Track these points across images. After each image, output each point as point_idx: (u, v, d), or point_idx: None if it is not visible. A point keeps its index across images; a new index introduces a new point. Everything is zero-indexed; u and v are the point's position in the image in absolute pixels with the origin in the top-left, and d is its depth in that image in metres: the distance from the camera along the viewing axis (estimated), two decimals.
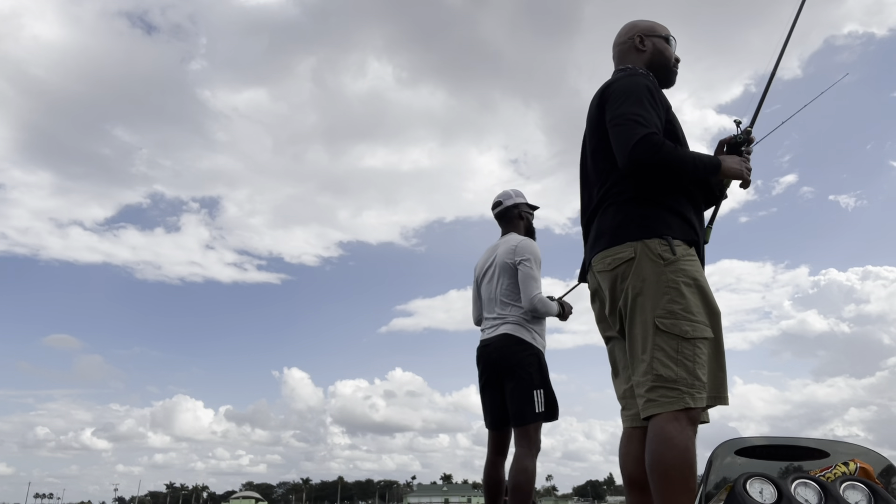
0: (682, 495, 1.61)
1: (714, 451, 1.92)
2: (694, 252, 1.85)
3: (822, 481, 1.76)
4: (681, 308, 1.73)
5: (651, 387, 1.71)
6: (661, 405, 1.68)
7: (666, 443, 1.63)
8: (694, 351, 1.70)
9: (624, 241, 1.84)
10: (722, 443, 1.95)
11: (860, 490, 1.72)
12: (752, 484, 1.79)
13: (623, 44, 2.18)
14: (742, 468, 1.92)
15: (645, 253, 1.79)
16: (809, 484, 1.76)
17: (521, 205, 3.42)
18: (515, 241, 3.26)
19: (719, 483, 1.90)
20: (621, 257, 1.83)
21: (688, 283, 1.76)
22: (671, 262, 1.77)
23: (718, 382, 1.75)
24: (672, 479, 1.61)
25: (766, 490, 1.78)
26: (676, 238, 1.81)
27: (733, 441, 1.96)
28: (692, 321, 1.73)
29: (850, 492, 1.72)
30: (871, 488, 1.71)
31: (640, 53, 2.13)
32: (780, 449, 1.92)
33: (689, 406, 1.65)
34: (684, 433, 1.63)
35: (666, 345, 1.71)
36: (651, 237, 1.80)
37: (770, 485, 1.78)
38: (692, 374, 1.68)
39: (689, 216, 1.89)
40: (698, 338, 1.72)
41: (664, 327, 1.73)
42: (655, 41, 2.13)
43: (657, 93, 1.96)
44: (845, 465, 1.81)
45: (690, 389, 1.67)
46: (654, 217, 1.83)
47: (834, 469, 1.81)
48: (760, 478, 1.80)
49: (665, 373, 1.69)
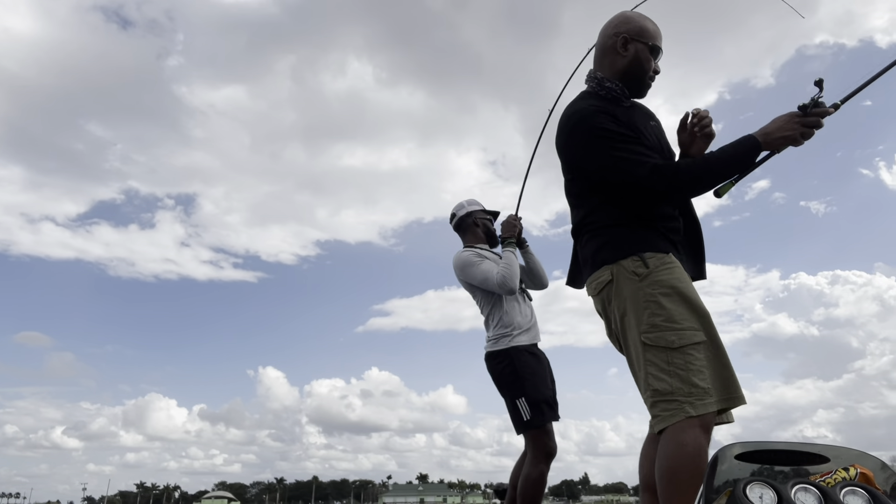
0: (689, 500, 1.59)
1: (714, 456, 1.91)
2: (671, 260, 1.82)
3: (823, 486, 1.75)
4: (662, 319, 1.73)
5: (652, 402, 1.72)
6: (664, 419, 1.68)
7: (678, 447, 1.62)
8: (685, 359, 1.68)
9: (601, 265, 1.88)
10: (722, 447, 1.93)
11: (860, 495, 1.71)
12: (753, 489, 1.78)
13: (607, 38, 2.03)
14: (742, 473, 1.91)
15: (621, 273, 1.82)
16: (809, 489, 1.75)
17: (474, 213, 3.44)
18: (454, 258, 3.31)
19: (719, 487, 1.89)
20: (602, 281, 1.87)
21: (666, 293, 1.75)
22: (645, 276, 1.78)
23: (727, 382, 1.70)
24: (680, 483, 1.60)
25: (766, 495, 1.77)
26: (648, 251, 1.81)
27: (734, 445, 1.95)
28: (677, 330, 1.71)
29: (850, 497, 1.72)
30: (871, 494, 1.70)
31: (619, 58, 1.99)
32: (781, 454, 1.92)
33: (690, 415, 1.63)
34: (697, 440, 1.62)
35: (656, 358, 1.72)
36: (624, 257, 1.82)
37: (770, 490, 1.77)
38: (687, 382, 1.66)
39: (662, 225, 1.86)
40: (687, 345, 1.70)
41: (650, 341, 1.73)
42: (639, 48, 1.98)
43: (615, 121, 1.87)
44: (845, 471, 1.80)
45: (688, 398, 1.65)
46: (624, 236, 1.85)
47: (834, 474, 1.80)
48: (760, 482, 1.79)
49: (660, 386, 1.69)
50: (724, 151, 1.81)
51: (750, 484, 1.78)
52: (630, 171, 1.82)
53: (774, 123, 1.81)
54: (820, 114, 1.79)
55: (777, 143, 1.80)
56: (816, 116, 1.78)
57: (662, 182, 1.79)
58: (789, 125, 1.78)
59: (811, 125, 1.78)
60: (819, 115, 1.79)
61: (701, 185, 1.81)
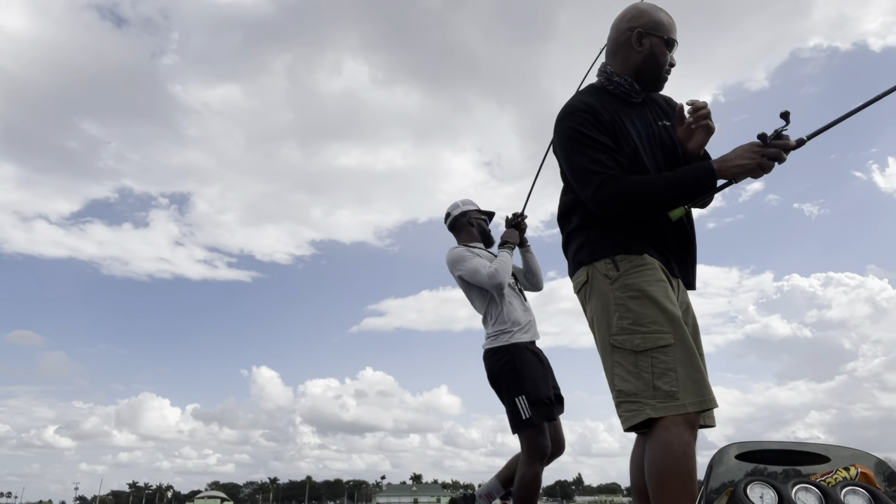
0: (681, 501, 1.59)
1: (714, 456, 1.90)
2: (644, 261, 1.80)
3: (823, 486, 1.75)
4: (629, 322, 1.74)
5: (617, 402, 1.75)
6: (628, 420, 1.71)
7: (664, 449, 1.62)
8: (650, 362, 1.70)
9: (579, 266, 1.91)
10: (722, 447, 1.93)
11: (861, 495, 1.71)
12: (753, 488, 1.77)
13: (620, 33, 1.97)
14: (743, 472, 1.90)
15: (594, 275, 1.85)
16: (810, 489, 1.75)
17: (469, 212, 3.44)
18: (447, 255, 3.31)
19: (720, 487, 1.88)
20: (580, 282, 1.92)
21: (634, 296, 1.76)
22: (615, 279, 1.80)
23: (698, 386, 1.68)
24: (670, 484, 1.60)
25: (766, 495, 1.76)
26: (620, 254, 1.81)
27: (734, 445, 1.94)
28: (643, 333, 1.72)
29: (850, 497, 1.71)
30: (871, 493, 1.70)
31: (633, 53, 1.94)
32: (781, 453, 1.91)
33: (651, 416, 1.65)
34: (682, 439, 1.62)
35: (623, 360, 1.74)
36: (598, 259, 1.84)
37: (771, 489, 1.76)
38: (651, 385, 1.68)
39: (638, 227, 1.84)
40: (652, 348, 1.70)
41: (618, 343, 1.76)
42: (654, 42, 1.92)
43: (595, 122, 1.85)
44: (846, 470, 1.80)
45: (651, 400, 1.67)
46: (599, 238, 1.87)
47: (835, 474, 1.80)
48: (761, 482, 1.78)
49: (625, 387, 1.72)
50: (678, 175, 1.79)
51: (750, 484, 1.78)
52: (579, 181, 1.85)
53: (734, 152, 1.76)
54: (782, 146, 1.73)
55: (733, 172, 1.75)
56: (777, 149, 1.73)
57: (604, 199, 1.78)
58: (747, 155, 1.74)
59: (772, 157, 1.73)
60: (780, 148, 1.73)
61: (644, 206, 1.79)
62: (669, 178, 1.80)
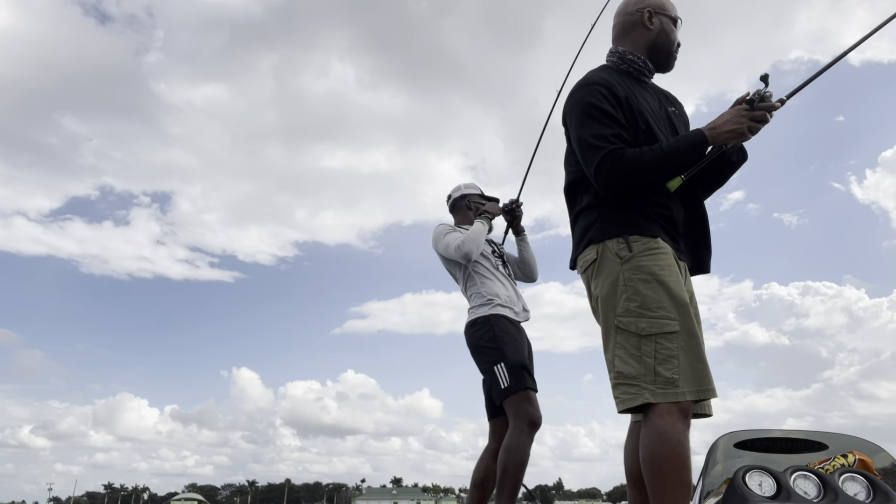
0: (677, 489, 1.58)
1: (713, 444, 1.91)
2: (658, 244, 1.80)
3: (822, 473, 1.76)
4: (637, 305, 1.73)
5: (614, 384, 1.73)
6: (624, 402, 1.69)
7: (658, 437, 1.61)
8: (654, 347, 1.68)
9: (588, 244, 1.88)
10: (721, 436, 1.93)
11: (859, 482, 1.72)
12: (752, 476, 1.78)
13: (630, 15, 2.04)
14: (741, 461, 1.91)
15: (605, 254, 1.82)
16: (809, 476, 1.76)
17: (469, 195, 3.40)
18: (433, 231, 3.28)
19: (718, 476, 1.89)
20: (588, 260, 1.88)
21: (644, 279, 1.74)
22: (627, 259, 1.77)
23: (700, 375, 1.69)
24: (665, 473, 1.59)
25: (765, 483, 1.77)
26: (634, 234, 1.80)
27: (732, 434, 1.95)
28: (649, 317, 1.71)
29: (849, 484, 1.72)
30: (869, 480, 1.71)
31: (645, 31, 2.01)
32: (779, 441, 1.92)
33: (650, 401, 1.64)
34: (676, 427, 1.61)
35: (626, 342, 1.72)
36: (610, 238, 1.82)
37: (769, 477, 1.77)
38: (652, 370, 1.66)
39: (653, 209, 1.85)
40: (657, 333, 1.69)
41: (623, 325, 1.74)
42: (664, 21, 2.02)
43: (610, 95, 1.87)
44: (844, 458, 1.81)
45: (651, 385, 1.65)
46: (611, 217, 1.84)
47: (833, 461, 1.81)
48: (759, 470, 1.79)
49: (625, 369, 1.70)
50: (671, 144, 1.81)
51: (749, 471, 1.78)
52: (582, 155, 1.85)
53: (722, 118, 1.81)
54: (767, 108, 1.79)
55: (725, 137, 1.79)
56: (763, 111, 1.78)
57: (603, 176, 1.78)
58: (737, 119, 1.78)
59: (758, 119, 1.79)
60: (766, 110, 1.79)
61: (644, 175, 1.79)
62: (664, 148, 1.80)
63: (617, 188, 1.80)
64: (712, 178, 2.00)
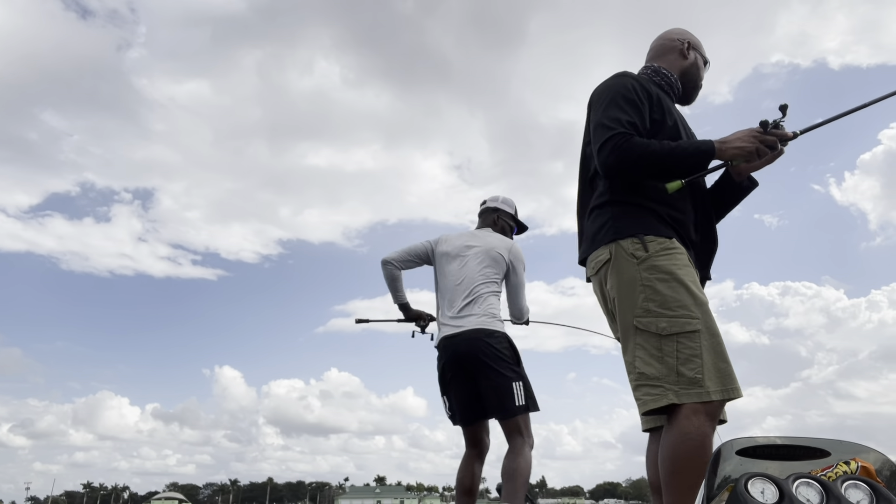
0: (692, 492, 1.57)
1: (716, 451, 1.89)
2: (674, 245, 1.80)
3: (824, 481, 1.74)
4: (656, 305, 1.71)
5: (636, 385, 1.70)
6: (646, 403, 1.66)
7: (682, 437, 1.59)
8: (675, 346, 1.66)
9: (601, 244, 1.85)
10: (723, 442, 1.91)
11: (862, 489, 1.70)
12: (754, 484, 1.76)
13: (671, 41, 2.14)
14: (744, 468, 1.89)
15: (619, 253, 1.80)
16: (811, 483, 1.74)
17: (503, 213, 3.39)
18: (511, 242, 3.26)
19: (721, 483, 1.87)
20: (600, 260, 1.85)
21: (662, 279, 1.73)
22: (643, 259, 1.76)
23: (724, 374, 1.68)
24: (683, 474, 1.57)
25: (767, 490, 1.75)
26: (650, 234, 1.78)
27: (735, 441, 1.93)
28: (669, 317, 1.69)
29: (851, 491, 1.71)
30: (872, 487, 1.70)
31: (681, 59, 2.11)
32: (782, 448, 1.90)
33: (674, 402, 1.61)
34: (702, 428, 1.60)
35: (646, 343, 1.70)
36: (624, 237, 1.80)
37: (772, 485, 1.75)
38: (674, 370, 1.64)
39: (666, 211, 1.84)
40: (678, 333, 1.67)
41: (642, 326, 1.71)
42: (698, 56, 2.14)
43: (641, 91, 1.89)
44: (846, 465, 1.80)
45: (674, 386, 1.63)
46: (627, 217, 1.83)
47: (835, 468, 1.80)
48: (762, 478, 1.76)
49: (647, 370, 1.68)
50: (680, 144, 1.81)
51: (752, 479, 1.76)
52: (595, 133, 1.84)
53: (734, 135, 1.82)
54: (779, 135, 1.81)
55: (732, 153, 1.80)
56: (775, 137, 1.80)
57: (608, 148, 1.77)
58: (747, 139, 1.80)
59: (768, 144, 1.80)
60: (777, 137, 1.81)
61: (648, 167, 1.79)
62: (672, 145, 1.80)
63: (617, 168, 1.79)
64: (727, 200, 2.03)
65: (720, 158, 1.81)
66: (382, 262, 3.23)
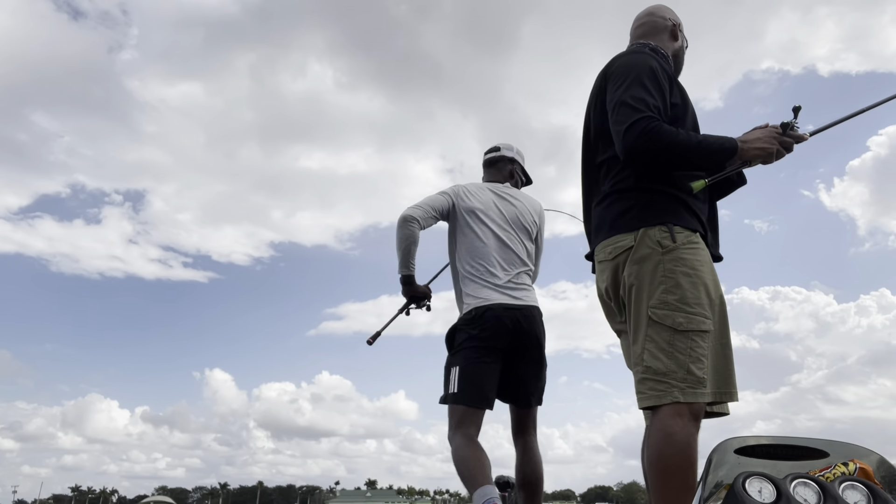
0: (681, 493, 1.54)
1: (713, 450, 1.89)
2: (699, 240, 1.75)
3: (822, 481, 1.74)
4: (676, 298, 1.65)
5: (641, 378, 1.65)
6: (649, 398, 1.61)
7: (667, 438, 1.55)
8: (689, 344, 1.62)
9: (624, 229, 1.76)
10: (721, 441, 1.91)
11: (859, 490, 1.71)
12: (752, 483, 1.76)
13: (662, 19, 2.04)
14: (741, 467, 1.89)
15: (644, 241, 1.71)
16: (809, 484, 1.74)
17: (517, 164, 2.98)
18: (541, 206, 2.90)
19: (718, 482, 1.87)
20: (621, 246, 1.75)
21: (686, 273, 1.67)
22: (670, 249, 1.69)
23: (725, 377, 1.67)
24: (671, 475, 1.54)
25: (765, 489, 1.75)
26: (678, 225, 1.72)
27: (732, 440, 1.93)
28: (688, 313, 1.64)
29: (849, 492, 1.71)
30: (870, 489, 1.70)
31: (672, 41, 2.04)
32: (780, 448, 1.91)
33: (678, 400, 1.57)
34: (686, 429, 1.56)
35: (658, 336, 1.64)
36: (652, 225, 1.72)
37: (769, 484, 1.75)
38: (684, 367, 1.60)
39: (694, 204, 1.79)
40: (694, 330, 1.63)
41: (657, 318, 1.65)
42: (683, 38, 2.07)
43: (663, 73, 1.81)
44: (844, 466, 1.80)
45: (681, 384, 1.59)
46: (655, 204, 1.75)
47: (833, 469, 1.80)
48: (759, 477, 1.77)
49: (655, 365, 1.62)
50: (706, 137, 1.74)
51: (749, 478, 1.76)
52: (618, 112, 1.74)
53: (754, 134, 1.76)
54: (796, 137, 1.77)
55: (753, 154, 1.74)
56: (793, 140, 1.77)
57: (636, 131, 1.68)
58: (769, 139, 1.74)
59: (786, 146, 1.76)
60: (795, 139, 1.77)
61: (673, 157, 1.71)
62: (699, 138, 1.74)
63: (642, 153, 1.69)
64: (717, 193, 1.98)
65: (741, 158, 1.75)
66: (405, 219, 2.60)
